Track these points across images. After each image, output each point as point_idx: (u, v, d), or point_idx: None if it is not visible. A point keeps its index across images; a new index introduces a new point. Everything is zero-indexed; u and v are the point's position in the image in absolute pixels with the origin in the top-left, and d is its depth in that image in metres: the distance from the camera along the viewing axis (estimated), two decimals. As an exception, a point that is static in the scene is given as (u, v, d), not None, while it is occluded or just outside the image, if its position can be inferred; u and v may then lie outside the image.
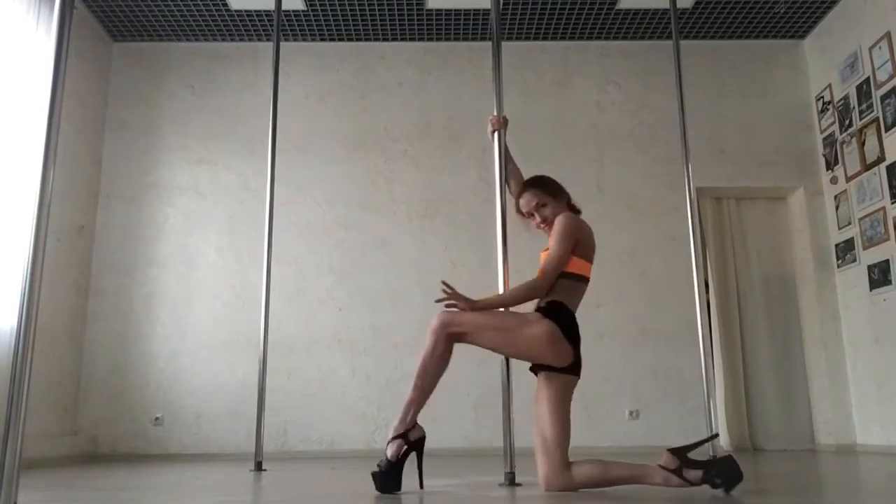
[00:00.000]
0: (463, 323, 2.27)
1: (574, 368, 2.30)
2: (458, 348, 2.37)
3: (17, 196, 3.79)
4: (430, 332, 2.28)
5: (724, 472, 2.02)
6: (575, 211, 2.56)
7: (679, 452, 2.09)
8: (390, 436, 2.29)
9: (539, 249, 2.63)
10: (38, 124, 1.89)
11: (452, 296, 2.33)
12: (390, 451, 2.26)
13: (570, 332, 2.28)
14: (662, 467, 2.08)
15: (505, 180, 2.85)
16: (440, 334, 2.26)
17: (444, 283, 2.37)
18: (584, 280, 2.40)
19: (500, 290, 2.83)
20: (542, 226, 2.51)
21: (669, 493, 2.14)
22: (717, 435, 2.18)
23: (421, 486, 2.37)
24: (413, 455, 2.31)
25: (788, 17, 5.18)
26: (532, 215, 2.52)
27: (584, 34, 5.39)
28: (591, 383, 4.90)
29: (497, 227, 2.96)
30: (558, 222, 2.36)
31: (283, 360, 4.81)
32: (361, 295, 5.03)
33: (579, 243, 2.37)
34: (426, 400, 2.31)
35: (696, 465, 2.06)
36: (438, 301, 2.35)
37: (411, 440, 2.29)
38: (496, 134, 2.91)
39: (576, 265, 2.37)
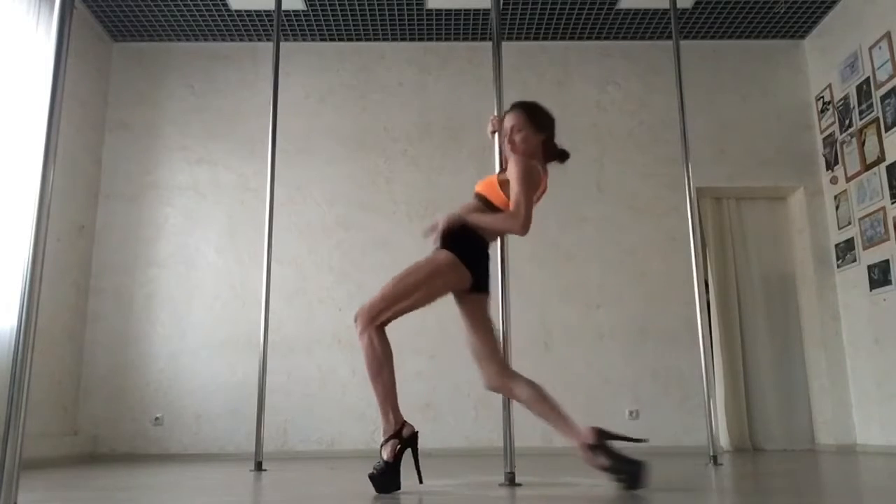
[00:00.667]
0: (381, 308, 2.32)
1: (478, 287, 2.37)
2: (457, 343, 2.38)
3: (17, 196, 3.79)
4: (360, 335, 2.31)
5: (628, 473, 2.08)
6: (553, 153, 2.56)
7: (602, 435, 2.14)
8: (382, 439, 2.30)
9: (538, 254, 2.64)
10: (38, 124, 1.89)
11: (434, 228, 2.38)
12: (386, 453, 2.27)
13: (471, 256, 2.34)
14: (582, 440, 2.15)
15: None
16: (370, 331, 2.29)
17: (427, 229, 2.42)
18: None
19: (500, 292, 2.84)
20: (506, 146, 2.52)
21: (668, 492, 2.14)
22: (646, 440, 2.23)
23: (420, 481, 2.37)
24: (408, 452, 2.32)
25: (788, 17, 5.18)
26: (505, 134, 2.52)
27: (584, 34, 5.38)
28: (591, 383, 4.91)
29: (497, 227, 2.95)
30: (519, 164, 2.35)
31: (283, 360, 4.81)
32: (361, 295, 5.02)
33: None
34: (396, 393, 2.36)
35: (608, 454, 2.12)
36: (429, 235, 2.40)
37: (405, 437, 2.30)
38: (496, 134, 2.91)
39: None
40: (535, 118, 2.52)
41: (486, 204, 2.44)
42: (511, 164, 2.39)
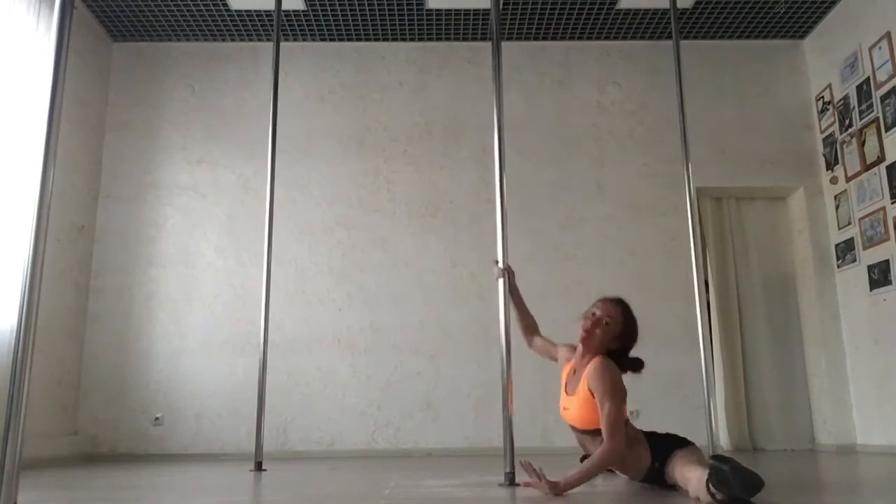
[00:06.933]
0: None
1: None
2: (457, 343, 2.37)
3: (17, 196, 3.79)
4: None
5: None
6: (626, 363, 2.48)
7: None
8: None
9: (538, 254, 2.64)
10: (38, 124, 1.89)
11: (533, 483, 2.23)
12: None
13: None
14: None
15: (522, 325, 2.86)
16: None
17: (524, 463, 2.28)
18: (625, 422, 2.36)
19: (500, 291, 2.84)
20: (587, 330, 2.45)
21: (667, 492, 2.14)
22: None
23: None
24: None
25: (788, 17, 5.18)
26: (593, 318, 2.46)
27: (584, 34, 5.38)
28: (591, 383, 4.90)
29: (497, 227, 2.96)
30: (602, 371, 2.31)
31: (283, 360, 4.81)
32: (361, 295, 5.02)
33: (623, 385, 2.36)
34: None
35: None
36: (527, 484, 2.27)
37: None
38: (501, 280, 2.85)
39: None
40: (630, 326, 2.47)
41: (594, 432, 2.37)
42: (597, 368, 2.33)
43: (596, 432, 2.32)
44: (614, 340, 2.45)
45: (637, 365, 2.49)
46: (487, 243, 4.53)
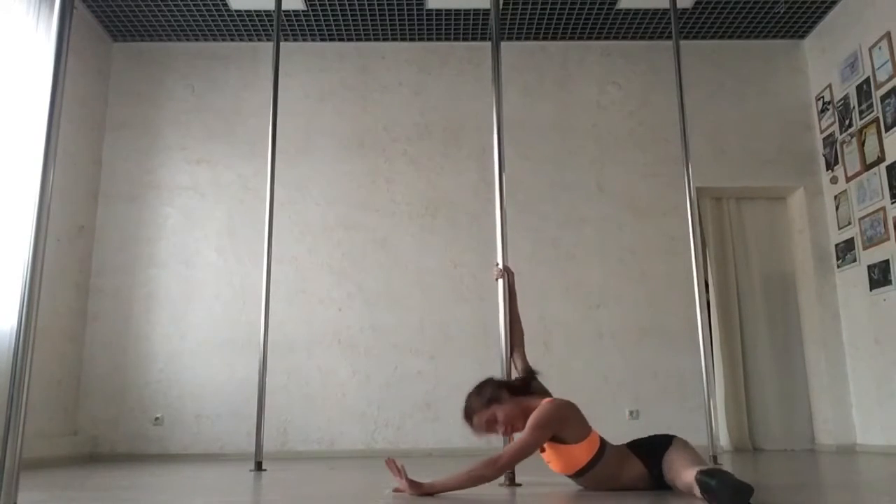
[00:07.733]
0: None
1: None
2: (457, 343, 2.36)
3: (17, 196, 3.78)
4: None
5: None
6: (526, 385, 2.42)
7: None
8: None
9: (538, 254, 2.63)
10: (38, 124, 1.89)
11: (400, 483, 2.18)
12: None
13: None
14: None
15: (510, 335, 2.76)
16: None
17: (388, 462, 2.24)
18: (602, 451, 2.27)
19: (500, 291, 2.84)
20: (500, 424, 2.34)
21: (666, 492, 2.14)
22: None
23: None
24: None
25: (788, 17, 5.18)
26: (486, 425, 2.38)
27: (584, 34, 5.38)
28: (591, 383, 4.91)
29: (497, 227, 2.96)
30: (538, 408, 2.25)
31: (283, 360, 4.81)
32: (361, 295, 5.02)
33: (566, 426, 2.24)
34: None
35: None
36: (396, 491, 2.21)
37: None
38: (500, 280, 2.83)
39: (587, 448, 2.25)
40: (480, 387, 2.42)
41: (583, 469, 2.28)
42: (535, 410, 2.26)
43: (583, 470, 2.26)
44: (499, 392, 2.38)
45: (531, 373, 2.51)
46: (487, 243, 4.53)
